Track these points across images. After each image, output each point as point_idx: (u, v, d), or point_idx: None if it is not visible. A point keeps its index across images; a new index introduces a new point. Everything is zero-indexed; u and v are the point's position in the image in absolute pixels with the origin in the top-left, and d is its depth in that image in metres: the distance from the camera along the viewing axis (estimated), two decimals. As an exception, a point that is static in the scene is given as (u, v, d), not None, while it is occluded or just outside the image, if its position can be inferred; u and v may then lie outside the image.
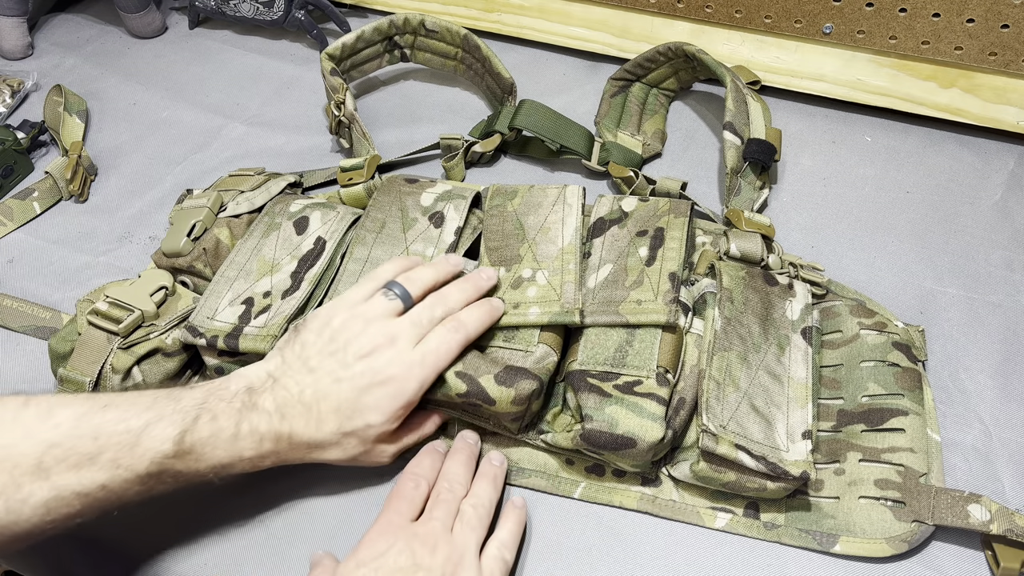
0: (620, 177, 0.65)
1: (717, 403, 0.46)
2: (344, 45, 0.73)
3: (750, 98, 0.65)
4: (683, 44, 0.68)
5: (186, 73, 0.85)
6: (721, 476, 0.45)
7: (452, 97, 0.79)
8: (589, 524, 0.48)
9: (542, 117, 0.67)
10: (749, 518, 0.47)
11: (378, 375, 0.45)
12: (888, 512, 0.45)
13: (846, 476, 0.47)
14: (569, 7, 0.79)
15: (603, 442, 0.45)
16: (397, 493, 0.46)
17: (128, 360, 0.51)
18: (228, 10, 0.87)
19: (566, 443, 0.48)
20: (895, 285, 0.59)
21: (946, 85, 0.68)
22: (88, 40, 0.91)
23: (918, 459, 0.46)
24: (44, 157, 0.76)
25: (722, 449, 0.44)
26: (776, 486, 0.45)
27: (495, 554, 0.44)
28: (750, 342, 0.49)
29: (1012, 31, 0.63)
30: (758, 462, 0.44)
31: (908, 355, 0.51)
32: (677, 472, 0.48)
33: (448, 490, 0.46)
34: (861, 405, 0.49)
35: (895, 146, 0.70)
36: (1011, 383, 0.53)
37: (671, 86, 0.74)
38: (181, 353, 0.53)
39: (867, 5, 0.66)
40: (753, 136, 0.62)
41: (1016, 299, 0.58)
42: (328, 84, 0.70)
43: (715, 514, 0.47)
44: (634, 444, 0.45)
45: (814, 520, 0.46)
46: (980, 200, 0.65)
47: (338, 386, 0.45)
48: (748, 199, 0.61)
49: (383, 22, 0.74)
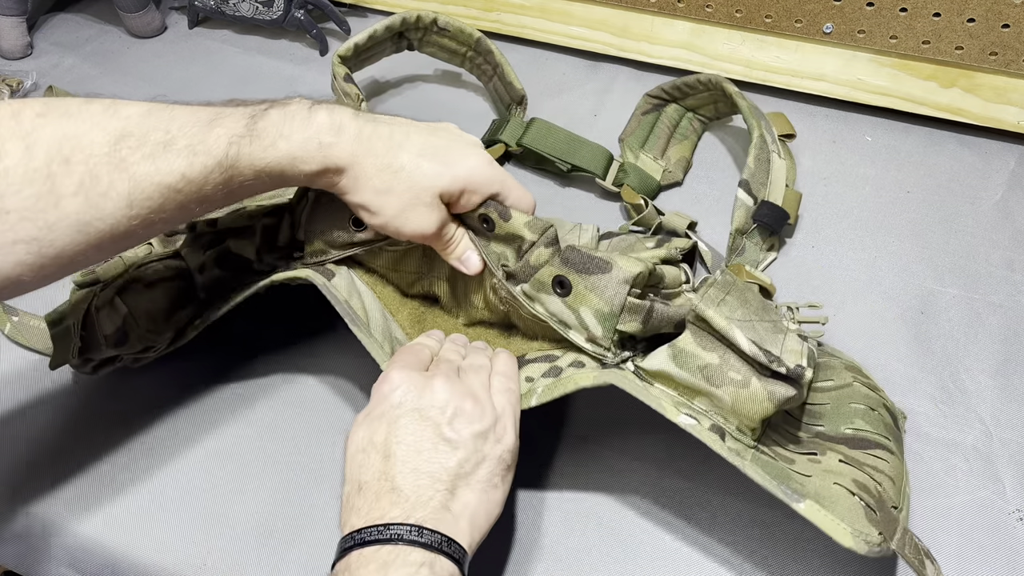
0: (630, 203, 0.64)
1: (712, 304, 0.43)
2: (356, 46, 0.71)
3: (775, 156, 0.62)
4: (723, 81, 0.65)
5: (186, 73, 0.85)
6: (703, 355, 0.41)
7: (455, 97, 0.79)
8: (589, 524, 0.48)
9: (553, 139, 0.67)
10: (715, 435, 0.41)
11: None
12: (860, 509, 0.40)
13: (822, 466, 0.42)
14: (569, 7, 0.79)
15: (578, 260, 0.44)
16: (402, 351, 0.46)
17: (108, 294, 0.49)
18: (227, 10, 0.87)
19: (544, 275, 0.45)
20: (895, 285, 0.59)
21: (947, 85, 0.68)
22: (87, 40, 0.91)
23: (895, 492, 0.43)
24: (43, 157, 0.76)
25: (714, 317, 0.41)
26: (760, 387, 0.40)
27: (503, 385, 0.44)
28: (748, 305, 0.45)
29: (1013, 31, 0.63)
30: (751, 345, 0.40)
31: (895, 422, 0.48)
32: (647, 363, 0.43)
33: (451, 351, 0.47)
34: (844, 433, 0.45)
35: (895, 146, 0.70)
36: (1011, 383, 0.53)
37: (708, 113, 0.72)
38: (163, 282, 0.51)
39: (868, 5, 0.66)
40: (769, 199, 0.60)
41: (1016, 299, 0.58)
42: (340, 89, 0.69)
43: (679, 412, 0.42)
44: (609, 268, 0.43)
45: (781, 477, 0.41)
46: (981, 200, 0.65)
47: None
48: (752, 259, 0.59)
49: (395, 19, 0.72)
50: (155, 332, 0.51)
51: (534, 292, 0.47)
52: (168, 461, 0.52)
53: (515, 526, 0.48)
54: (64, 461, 0.53)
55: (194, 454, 0.53)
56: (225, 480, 0.51)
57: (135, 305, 0.50)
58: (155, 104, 0.40)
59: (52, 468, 0.52)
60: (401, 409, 0.41)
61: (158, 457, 0.53)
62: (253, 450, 0.53)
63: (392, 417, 0.41)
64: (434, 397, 0.42)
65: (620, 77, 0.80)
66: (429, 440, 0.40)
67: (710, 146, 0.73)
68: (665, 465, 0.50)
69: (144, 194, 0.38)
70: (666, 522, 0.48)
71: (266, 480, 0.51)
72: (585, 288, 0.44)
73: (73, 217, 0.36)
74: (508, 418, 0.43)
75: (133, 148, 0.37)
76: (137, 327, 0.50)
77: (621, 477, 0.50)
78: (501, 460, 0.42)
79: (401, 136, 0.45)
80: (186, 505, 0.50)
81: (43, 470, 0.52)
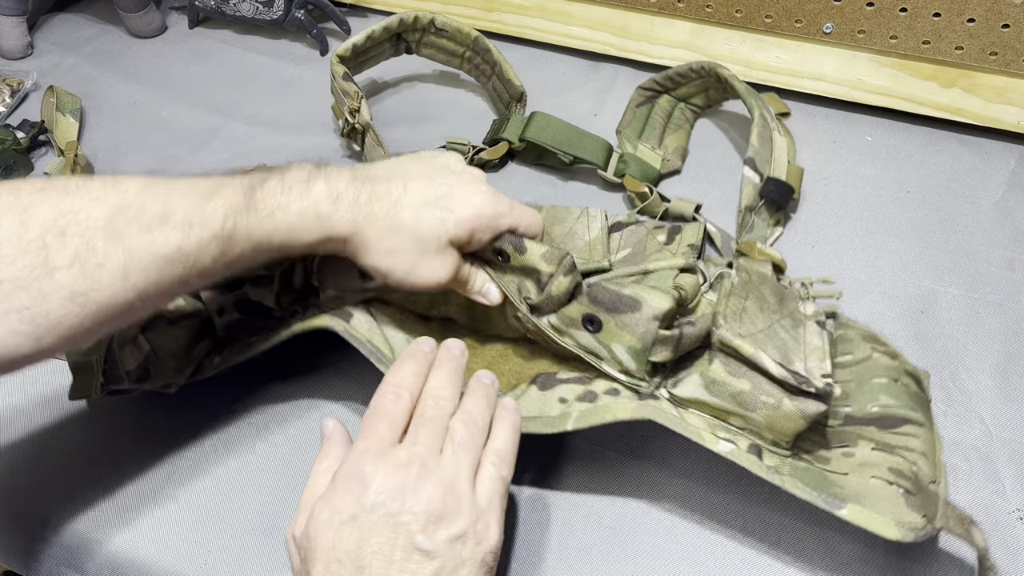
0: (634, 192, 0.65)
1: (736, 321, 0.45)
2: (355, 46, 0.71)
3: (776, 133, 0.63)
4: (716, 66, 0.66)
5: (186, 73, 0.85)
6: (734, 384, 0.43)
7: (454, 97, 0.79)
8: (589, 524, 0.48)
9: (554, 131, 0.67)
10: (753, 455, 0.43)
11: None
12: (900, 497, 0.42)
13: (856, 459, 0.44)
14: (569, 7, 0.79)
15: (606, 299, 0.44)
16: (375, 411, 0.41)
17: (131, 330, 0.50)
18: (228, 9, 0.87)
19: (573, 312, 0.46)
20: (895, 285, 0.59)
21: (947, 85, 0.68)
22: (88, 40, 0.91)
23: (930, 467, 0.44)
24: (44, 157, 0.76)
25: (741, 344, 0.42)
26: (792, 406, 0.42)
27: (492, 473, 0.40)
28: (766, 305, 0.48)
29: (1013, 31, 0.63)
30: (779, 367, 0.42)
31: (919, 385, 0.49)
32: (680, 390, 0.45)
33: (434, 407, 0.41)
34: (871, 413, 0.47)
35: (895, 146, 0.70)
36: (1011, 383, 0.53)
37: (699, 102, 0.73)
38: (186, 319, 0.52)
39: (868, 5, 0.66)
40: (773, 175, 0.61)
41: (1017, 299, 0.58)
42: (340, 88, 0.69)
43: (717, 439, 0.44)
44: (639, 307, 0.44)
45: (820, 484, 0.43)
46: (981, 200, 0.65)
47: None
48: (761, 236, 0.60)
49: (393, 20, 0.72)
50: (177, 370, 0.52)
51: (563, 327, 0.47)
52: (168, 460, 0.53)
53: (516, 526, 0.48)
54: (64, 461, 0.53)
55: (195, 452, 0.53)
56: (226, 478, 0.51)
57: (158, 343, 0.51)
58: (154, 179, 0.40)
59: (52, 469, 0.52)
60: (374, 515, 0.37)
61: (158, 456, 0.53)
62: (254, 448, 0.53)
63: (364, 524, 0.37)
64: (407, 502, 0.37)
65: (620, 77, 0.80)
66: (401, 550, 0.37)
67: (704, 134, 0.73)
68: (665, 465, 0.50)
69: (140, 266, 0.38)
70: (666, 522, 0.48)
71: (267, 478, 0.51)
72: (616, 326, 0.45)
73: (68, 288, 0.36)
74: (492, 513, 0.39)
75: (130, 220, 0.37)
76: (160, 364, 0.51)
77: (622, 477, 0.50)
78: (483, 563, 0.38)
79: (399, 191, 0.45)
80: (187, 503, 0.50)
81: (43, 471, 0.52)
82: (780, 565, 0.46)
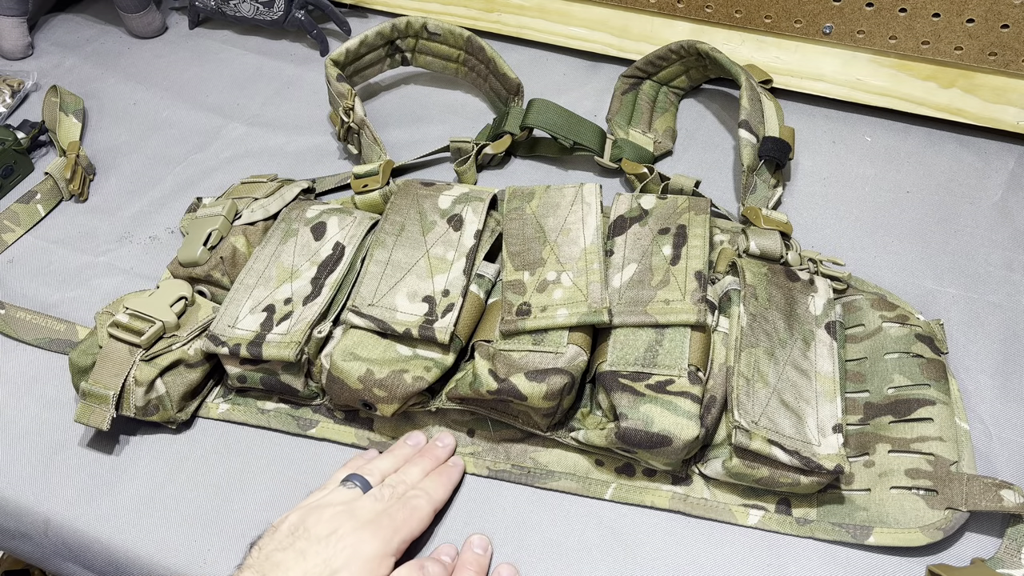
0: (633, 174, 0.65)
1: (748, 399, 0.46)
2: (348, 50, 0.72)
3: (764, 97, 0.66)
4: (696, 42, 0.68)
5: (186, 73, 0.85)
6: (754, 472, 0.45)
7: (453, 98, 0.79)
8: (589, 524, 0.48)
9: (554, 115, 0.67)
10: (781, 514, 0.47)
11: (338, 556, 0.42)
12: (920, 501, 0.45)
13: (876, 468, 0.47)
14: (569, 7, 0.79)
15: (638, 440, 0.45)
16: None
17: (151, 372, 0.51)
18: (228, 10, 0.87)
19: (599, 440, 0.47)
20: (895, 285, 0.59)
21: (946, 85, 0.68)
22: (88, 40, 0.91)
23: (948, 447, 0.46)
24: (44, 157, 0.76)
25: (755, 445, 0.44)
26: (810, 480, 0.45)
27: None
28: (776, 338, 0.50)
29: (1012, 31, 0.63)
30: (792, 457, 0.44)
31: (931, 347, 0.51)
32: (708, 470, 0.48)
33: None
34: (888, 397, 0.49)
35: (895, 146, 0.70)
36: (1011, 383, 0.53)
37: (681, 84, 0.74)
38: (204, 363, 0.53)
39: (867, 5, 0.66)
40: (768, 134, 0.63)
41: (1016, 299, 0.58)
42: (334, 90, 0.70)
43: (747, 511, 0.47)
44: (670, 442, 0.45)
45: (847, 513, 0.46)
46: (980, 200, 0.65)
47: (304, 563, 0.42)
48: (764, 197, 0.61)
49: (385, 26, 0.73)
50: (182, 411, 0.53)
51: (599, 444, 0.48)
52: (170, 459, 0.53)
53: (516, 526, 0.48)
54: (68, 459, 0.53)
55: (196, 452, 0.53)
56: (227, 477, 0.51)
57: (174, 386, 0.52)
58: None
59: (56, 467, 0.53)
60: None
61: (160, 455, 0.53)
62: (255, 447, 0.53)
63: None
64: None
65: (620, 77, 0.80)
66: None
67: (690, 114, 0.75)
68: (665, 465, 0.50)
69: None
70: (667, 522, 0.48)
71: (268, 477, 0.51)
72: (650, 455, 0.47)
73: None
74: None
75: None
76: (169, 404, 0.52)
77: (621, 477, 0.50)
78: None
79: None
80: (188, 502, 0.50)
81: (49, 469, 0.52)
82: (780, 564, 0.46)
